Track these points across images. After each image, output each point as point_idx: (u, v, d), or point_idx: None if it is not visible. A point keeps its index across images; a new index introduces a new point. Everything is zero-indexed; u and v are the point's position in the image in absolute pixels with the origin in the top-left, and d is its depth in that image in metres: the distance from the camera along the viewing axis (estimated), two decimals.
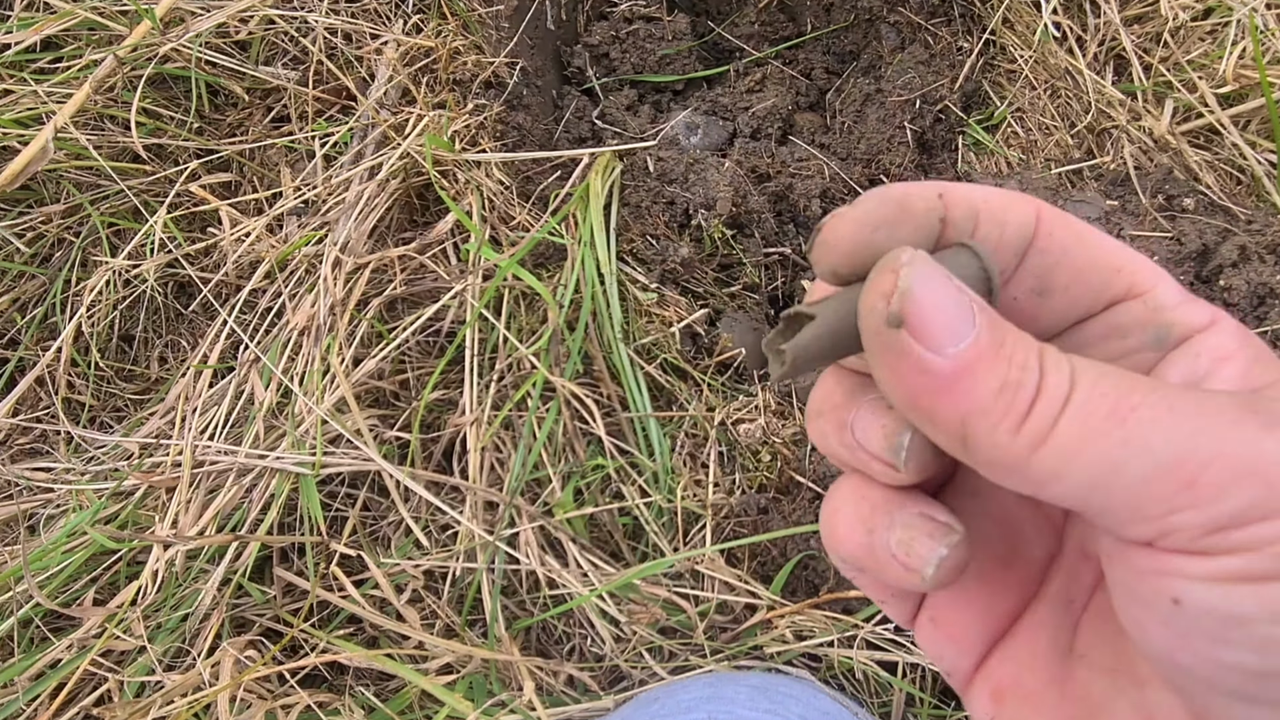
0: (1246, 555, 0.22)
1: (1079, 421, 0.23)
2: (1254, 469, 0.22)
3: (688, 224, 1.08)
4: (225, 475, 0.89)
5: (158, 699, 0.74)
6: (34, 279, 1.04)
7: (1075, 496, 0.24)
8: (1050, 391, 0.24)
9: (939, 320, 0.24)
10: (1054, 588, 0.31)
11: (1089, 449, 0.23)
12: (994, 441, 0.24)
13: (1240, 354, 0.27)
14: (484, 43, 1.14)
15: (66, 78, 0.99)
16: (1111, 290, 0.29)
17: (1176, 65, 1.06)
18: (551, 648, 0.94)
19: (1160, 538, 0.23)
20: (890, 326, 0.24)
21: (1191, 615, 0.23)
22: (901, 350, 0.24)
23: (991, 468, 0.25)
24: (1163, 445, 0.22)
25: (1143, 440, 0.23)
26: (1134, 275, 0.29)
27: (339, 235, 0.98)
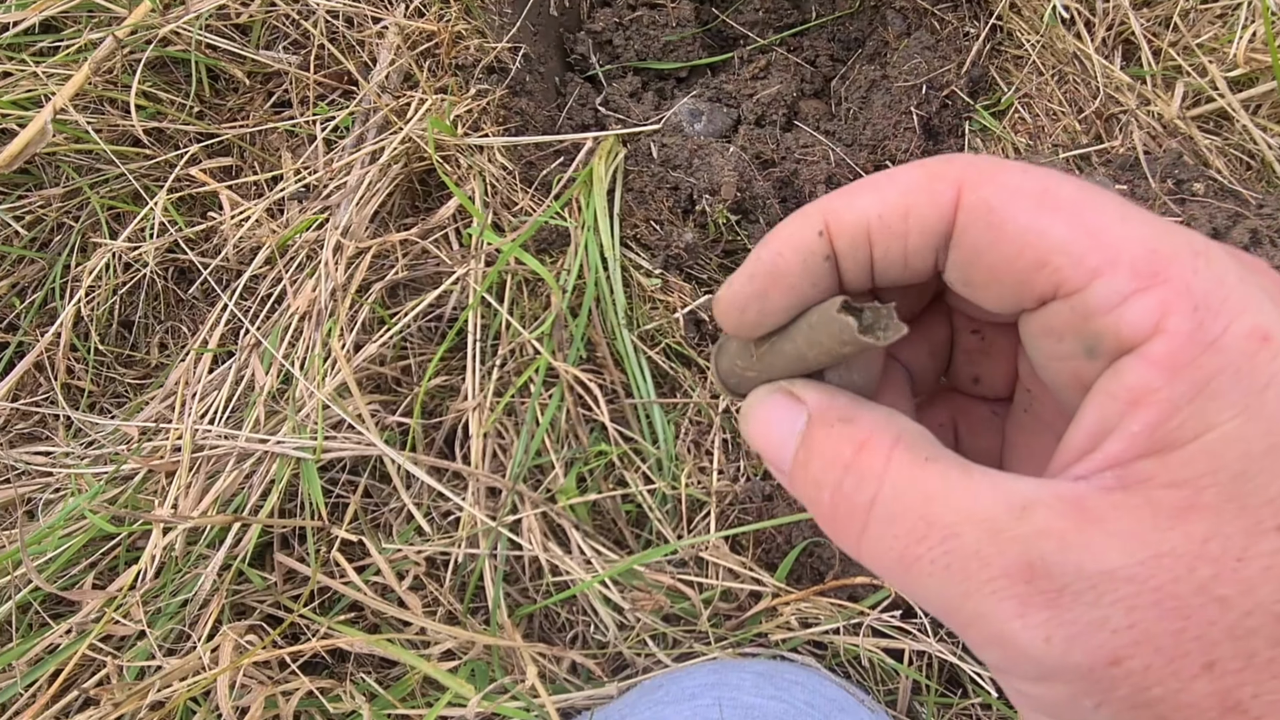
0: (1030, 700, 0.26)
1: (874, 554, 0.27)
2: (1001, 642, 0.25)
3: (692, 209, 1.07)
4: (225, 460, 0.88)
5: (155, 682, 0.73)
6: (33, 263, 1.04)
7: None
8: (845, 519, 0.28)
9: (767, 453, 0.31)
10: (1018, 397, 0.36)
11: (887, 575, 0.27)
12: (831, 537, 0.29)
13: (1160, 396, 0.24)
14: (486, 27, 1.13)
15: (65, 59, 0.99)
16: (1036, 288, 0.26)
17: (1186, 49, 1.05)
18: (555, 635, 0.94)
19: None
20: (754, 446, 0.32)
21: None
22: (768, 461, 0.31)
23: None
24: (938, 599, 0.26)
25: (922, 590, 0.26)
26: (1062, 272, 0.25)
27: (340, 219, 0.97)
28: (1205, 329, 0.23)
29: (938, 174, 0.27)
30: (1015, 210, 0.26)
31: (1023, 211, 0.26)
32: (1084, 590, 0.23)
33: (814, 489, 0.28)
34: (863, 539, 0.27)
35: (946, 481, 0.25)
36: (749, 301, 0.30)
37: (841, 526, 0.27)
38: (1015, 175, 0.26)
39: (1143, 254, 0.24)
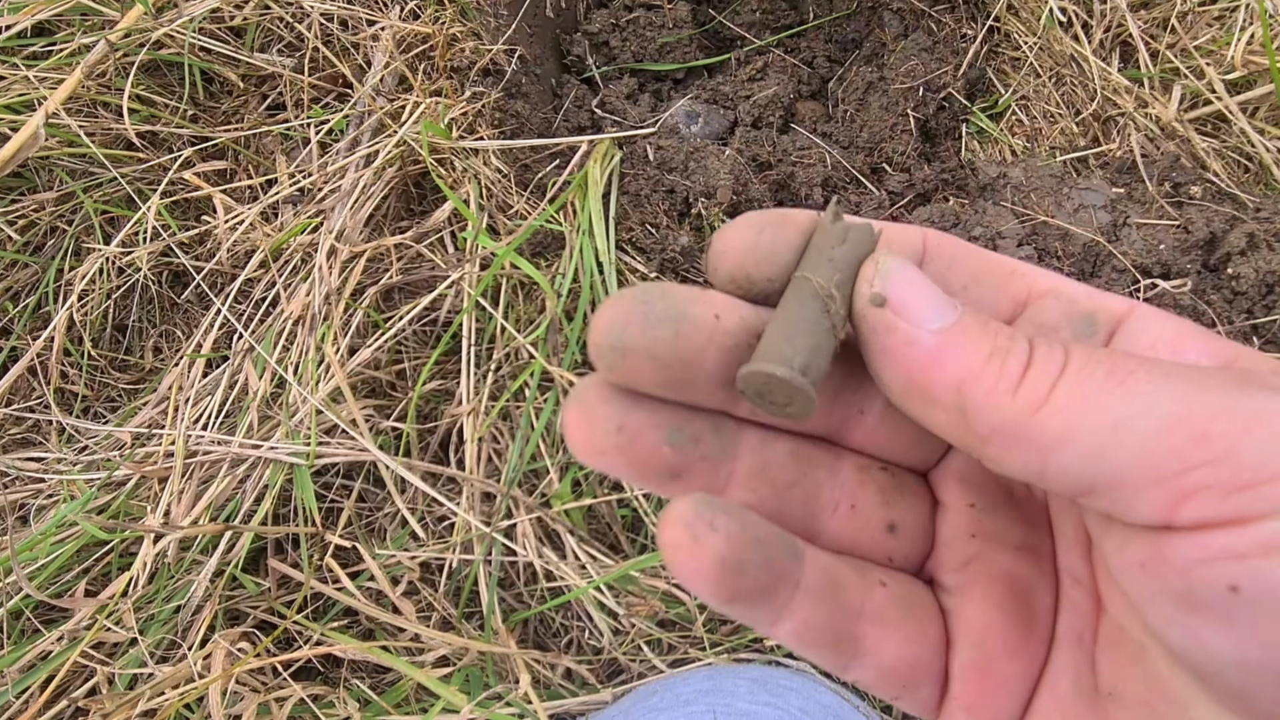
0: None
1: (1078, 383, 0.23)
2: (1263, 420, 0.21)
3: (688, 213, 1.07)
4: (219, 465, 0.88)
5: (146, 691, 0.73)
6: (26, 267, 1.03)
7: (1081, 466, 0.23)
8: (1044, 361, 0.24)
9: (920, 299, 0.25)
10: (1063, 627, 0.29)
11: (1092, 406, 0.22)
12: (994, 404, 0.24)
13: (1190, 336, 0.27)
14: (482, 30, 1.13)
15: (58, 63, 0.98)
16: (1012, 290, 0.29)
17: (1184, 51, 1.05)
18: (549, 640, 0.93)
19: (1180, 504, 0.22)
20: (874, 305, 0.25)
21: (1253, 600, 0.21)
22: (889, 327, 0.25)
23: (996, 438, 0.24)
24: (1167, 400, 0.22)
25: (1146, 397, 0.22)
26: (1029, 278, 0.29)
27: (334, 223, 0.97)
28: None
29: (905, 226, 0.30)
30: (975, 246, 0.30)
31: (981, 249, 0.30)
32: None
33: (1004, 337, 0.24)
34: (1065, 372, 0.23)
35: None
36: (766, 225, 0.28)
37: (1041, 367, 0.24)
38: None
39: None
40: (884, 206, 1.11)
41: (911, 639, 0.28)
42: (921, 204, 1.11)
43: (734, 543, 0.25)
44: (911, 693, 0.29)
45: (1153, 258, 0.94)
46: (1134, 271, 0.93)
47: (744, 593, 0.25)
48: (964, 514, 0.30)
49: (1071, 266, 0.95)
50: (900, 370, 0.25)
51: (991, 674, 0.28)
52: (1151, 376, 0.22)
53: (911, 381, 0.25)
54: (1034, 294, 0.29)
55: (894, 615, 0.28)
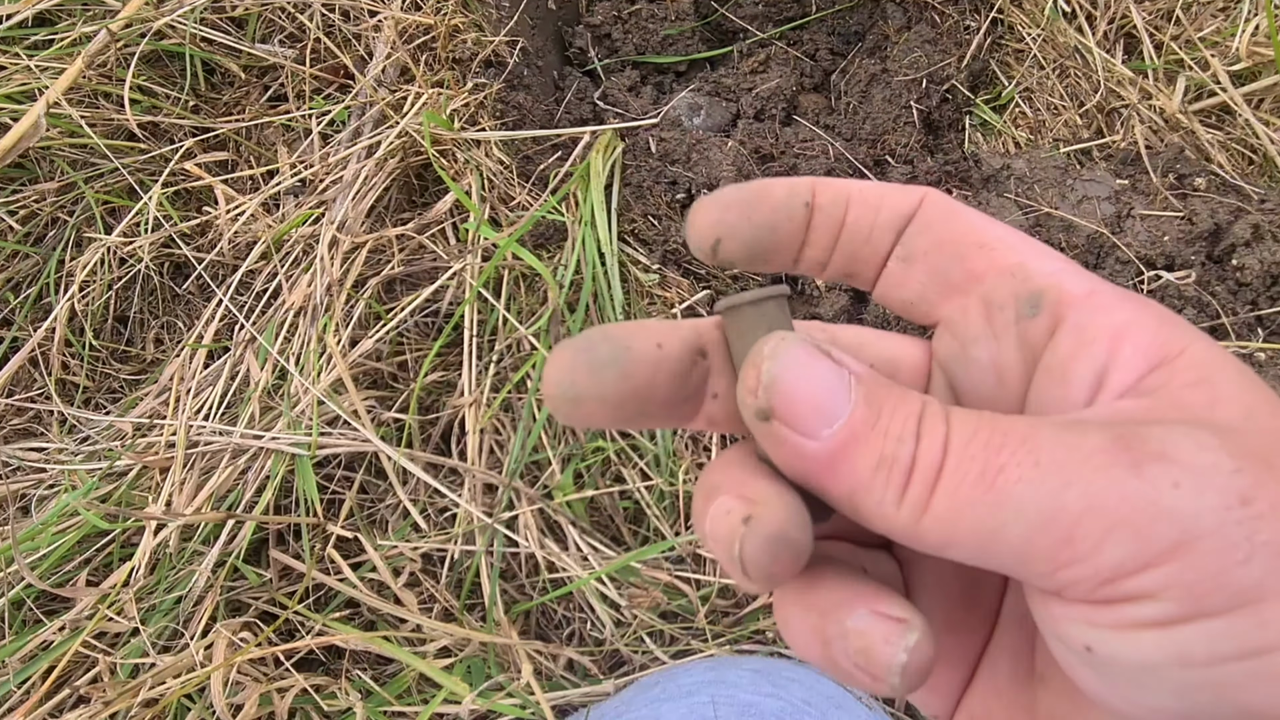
0: (1143, 603, 0.22)
1: (951, 492, 0.23)
2: (1124, 519, 0.21)
3: (690, 204, 1.06)
4: (220, 456, 0.87)
5: (148, 679, 0.73)
6: (27, 258, 1.03)
7: (973, 559, 0.24)
8: (924, 461, 0.24)
9: (808, 406, 0.25)
10: (1007, 608, 0.30)
11: (965, 517, 0.23)
12: (882, 514, 0.24)
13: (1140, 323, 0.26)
14: (484, 21, 1.13)
15: (59, 52, 0.98)
16: (971, 263, 0.29)
17: (1188, 43, 1.04)
18: (551, 632, 0.93)
19: (1059, 591, 0.23)
20: (760, 420, 0.25)
21: (1104, 662, 0.23)
22: (779, 440, 0.25)
23: (890, 535, 0.25)
24: (1033, 505, 0.22)
25: (1013, 503, 0.22)
26: (998, 252, 0.29)
27: (336, 214, 0.96)
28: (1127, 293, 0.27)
29: (907, 188, 0.30)
30: (966, 209, 0.30)
31: (972, 212, 0.30)
32: (1181, 441, 0.22)
33: (892, 442, 0.24)
34: (940, 480, 0.24)
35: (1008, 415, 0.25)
36: (734, 204, 0.29)
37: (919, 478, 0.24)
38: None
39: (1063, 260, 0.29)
40: None
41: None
42: None
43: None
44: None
45: (1157, 249, 0.93)
46: (1138, 263, 0.93)
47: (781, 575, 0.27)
48: None
49: (1075, 258, 0.95)
50: (797, 475, 0.26)
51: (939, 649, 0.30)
52: (1021, 470, 0.23)
53: (808, 483, 0.25)
54: (992, 270, 0.29)
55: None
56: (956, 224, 0.30)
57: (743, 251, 0.29)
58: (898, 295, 0.31)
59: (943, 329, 0.31)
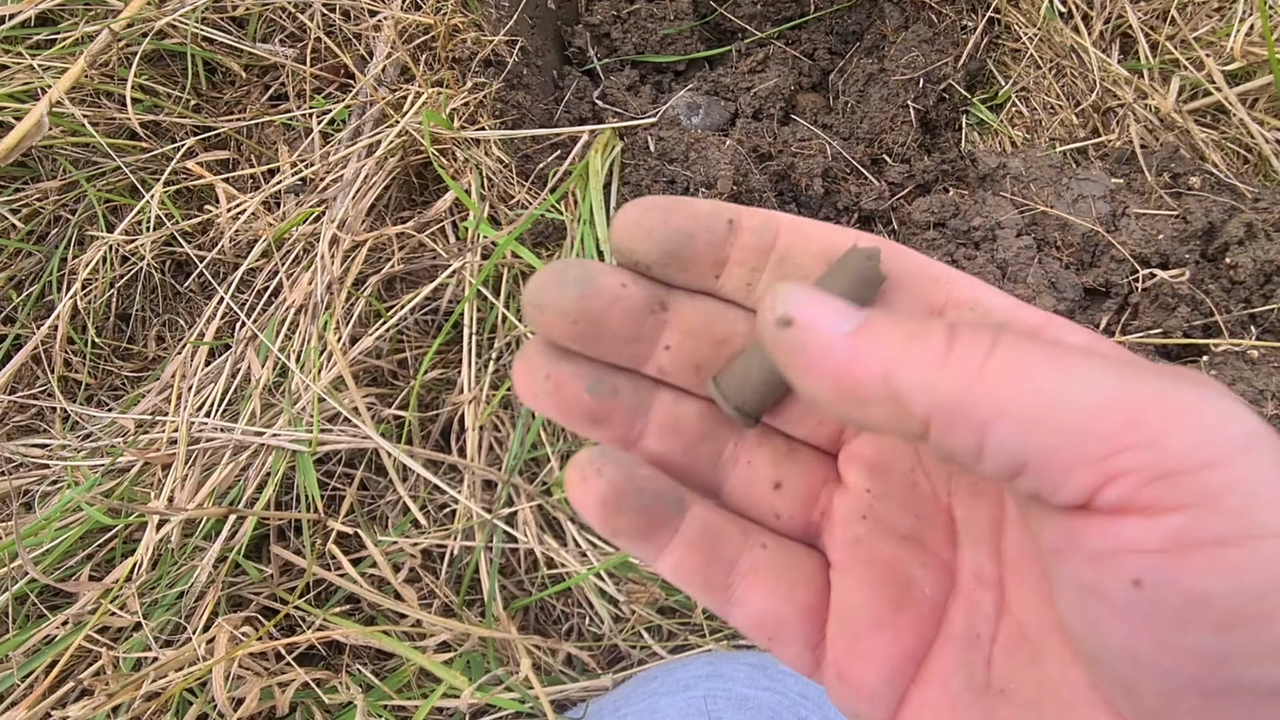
0: (1195, 511, 0.21)
1: (1013, 357, 0.23)
2: (1194, 411, 0.21)
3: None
4: (221, 452, 0.88)
5: (150, 673, 0.73)
6: (30, 256, 1.04)
7: (1016, 439, 0.23)
8: (970, 338, 0.24)
9: (824, 310, 0.25)
10: (957, 625, 0.30)
11: (1030, 380, 0.22)
12: (925, 382, 0.23)
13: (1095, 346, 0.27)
14: (483, 20, 1.13)
15: (61, 52, 0.99)
16: (930, 297, 0.30)
17: (1183, 42, 1.05)
18: (550, 627, 0.94)
19: (1103, 486, 0.22)
20: (780, 329, 0.26)
21: (1152, 597, 0.22)
22: (800, 344, 0.25)
23: (935, 417, 0.24)
24: (1103, 381, 0.22)
25: (1082, 378, 0.22)
26: (953, 285, 0.30)
27: (336, 213, 0.97)
28: None
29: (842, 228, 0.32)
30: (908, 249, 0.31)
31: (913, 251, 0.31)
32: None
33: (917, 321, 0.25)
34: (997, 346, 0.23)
35: None
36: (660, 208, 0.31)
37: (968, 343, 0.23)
38: None
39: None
40: (884, 197, 1.11)
41: (779, 597, 0.31)
42: (921, 195, 1.12)
43: (615, 487, 0.30)
44: (779, 646, 0.32)
45: (1151, 247, 0.94)
46: (1133, 261, 0.93)
47: (623, 529, 0.30)
48: (860, 497, 0.32)
49: (1070, 257, 0.96)
50: (825, 380, 0.25)
51: (859, 647, 0.30)
52: (1090, 360, 0.23)
53: (839, 387, 0.25)
54: (951, 302, 0.30)
55: (765, 574, 0.32)
56: (907, 262, 0.30)
57: (656, 252, 0.31)
58: None
59: None
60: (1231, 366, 0.85)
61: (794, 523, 0.33)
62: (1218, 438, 0.21)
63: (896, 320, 0.25)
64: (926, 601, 0.31)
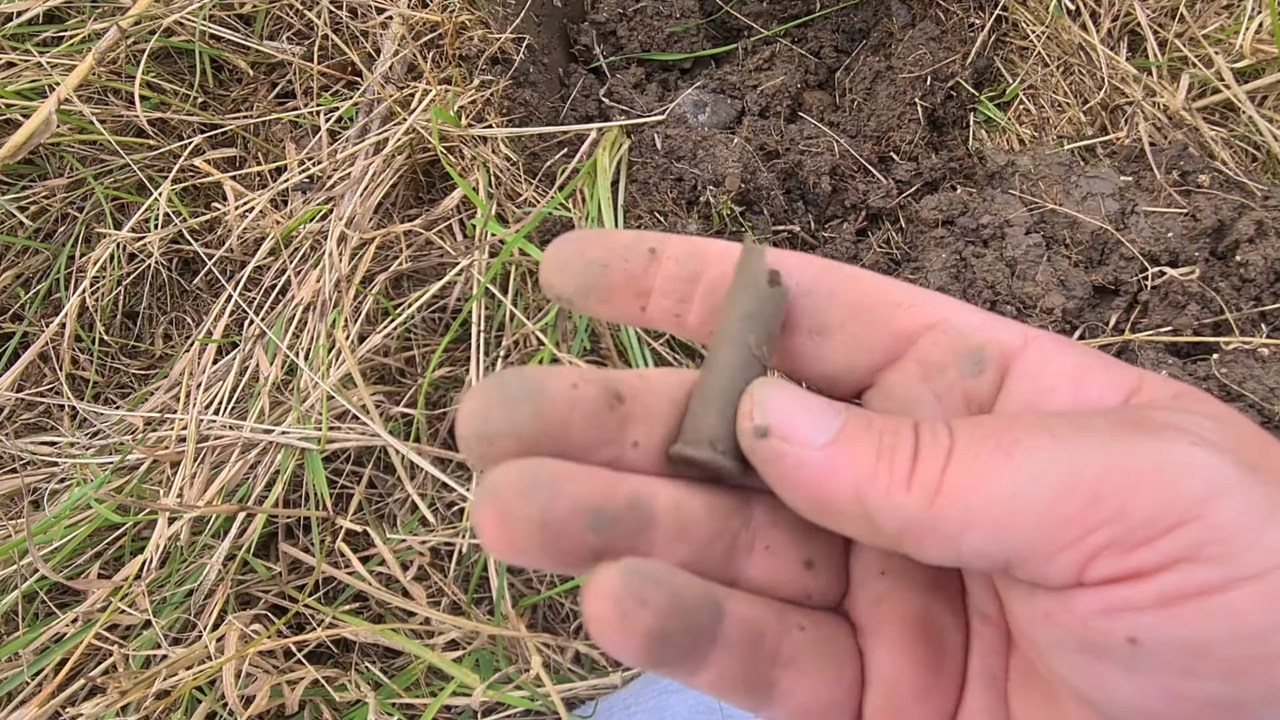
0: (1181, 568, 0.21)
1: (966, 462, 0.23)
2: (1149, 475, 0.22)
3: (696, 201, 1.07)
4: (230, 450, 0.88)
5: (162, 671, 0.73)
6: (38, 254, 1.04)
7: (991, 544, 0.23)
8: (930, 446, 0.24)
9: (800, 418, 0.25)
10: (974, 668, 0.30)
11: (984, 486, 0.23)
12: (893, 504, 0.24)
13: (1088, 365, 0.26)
14: (490, 18, 1.13)
15: (69, 49, 0.98)
16: (895, 324, 0.28)
17: (1192, 40, 1.05)
18: (558, 625, 0.94)
19: (1086, 566, 0.22)
20: (759, 438, 0.25)
21: (1152, 653, 0.22)
22: (778, 456, 0.25)
23: (906, 535, 0.24)
24: (1054, 466, 0.22)
25: (1034, 467, 0.22)
26: (917, 308, 0.28)
27: (344, 210, 0.97)
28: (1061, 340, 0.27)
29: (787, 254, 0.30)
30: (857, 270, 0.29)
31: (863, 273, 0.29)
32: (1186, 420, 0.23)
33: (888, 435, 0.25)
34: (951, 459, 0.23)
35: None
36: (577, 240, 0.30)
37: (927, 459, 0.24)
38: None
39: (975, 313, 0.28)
40: (892, 195, 1.11)
41: (826, 682, 0.29)
42: (929, 192, 1.12)
43: (661, 616, 0.24)
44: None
45: (1161, 245, 0.94)
46: (1142, 259, 0.93)
47: (668, 660, 0.25)
48: (874, 552, 0.31)
49: (1079, 255, 0.96)
50: (801, 492, 0.25)
51: (902, 718, 0.29)
52: (1037, 440, 0.23)
53: (814, 500, 0.25)
54: (919, 327, 0.28)
55: (810, 660, 0.29)
56: (862, 287, 0.29)
57: (572, 285, 0.29)
58: (818, 370, 0.30)
59: (875, 393, 0.30)
60: (1242, 365, 0.85)
61: (827, 597, 0.31)
62: (1179, 495, 0.21)
63: (869, 429, 0.25)
64: (957, 651, 0.30)
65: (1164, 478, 0.21)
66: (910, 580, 0.30)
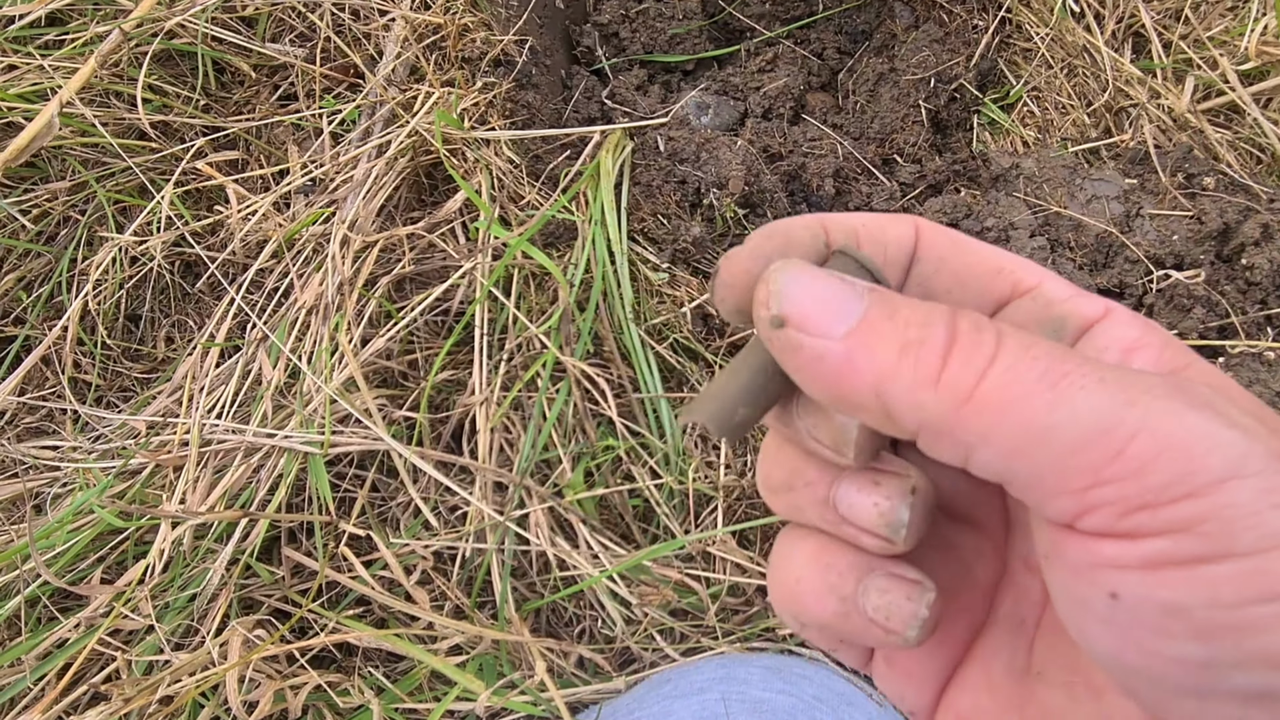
0: (1174, 537, 0.22)
1: (1008, 381, 0.23)
2: (1178, 443, 0.22)
3: (699, 203, 1.07)
4: (233, 454, 0.88)
5: (165, 677, 0.73)
6: (39, 257, 1.03)
7: (1000, 462, 0.23)
8: (969, 349, 0.23)
9: (819, 309, 0.25)
10: (1004, 610, 0.31)
11: (1017, 410, 0.23)
12: (915, 401, 0.24)
13: (1147, 341, 0.27)
14: (493, 20, 1.13)
15: (71, 52, 0.98)
16: (995, 290, 0.30)
17: (1197, 42, 1.05)
18: (562, 630, 0.93)
19: (1084, 513, 0.23)
20: (775, 329, 0.25)
21: (1130, 609, 0.23)
22: (795, 346, 0.25)
23: (922, 433, 0.24)
24: (1092, 413, 0.22)
25: (1072, 406, 0.22)
26: (1015, 274, 0.30)
27: (347, 213, 0.97)
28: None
29: (897, 216, 0.30)
30: (964, 236, 0.30)
31: (970, 239, 0.30)
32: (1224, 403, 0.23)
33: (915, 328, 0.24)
34: (991, 368, 0.23)
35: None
36: (772, 255, 0.28)
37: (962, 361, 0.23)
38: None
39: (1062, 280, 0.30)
40: (895, 198, 1.11)
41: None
42: (933, 195, 1.11)
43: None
44: (848, 647, 0.31)
45: (1166, 249, 0.93)
46: (1147, 262, 0.93)
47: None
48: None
49: (1084, 258, 0.95)
50: (819, 383, 0.25)
51: None
52: (1086, 381, 0.23)
53: (832, 392, 0.25)
54: (1018, 291, 0.30)
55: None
56: (967, 254, 0.30)
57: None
58: None
59: None
60: (1248, 368, 0.85)
61: None
62: (1201, 469, 0.22)
63: (894, 320, 0.24)
64: (981, 587, 0.31)
65: (1192, 450, 0.22)
66: (946, 512, 0.31)
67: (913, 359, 0.24)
